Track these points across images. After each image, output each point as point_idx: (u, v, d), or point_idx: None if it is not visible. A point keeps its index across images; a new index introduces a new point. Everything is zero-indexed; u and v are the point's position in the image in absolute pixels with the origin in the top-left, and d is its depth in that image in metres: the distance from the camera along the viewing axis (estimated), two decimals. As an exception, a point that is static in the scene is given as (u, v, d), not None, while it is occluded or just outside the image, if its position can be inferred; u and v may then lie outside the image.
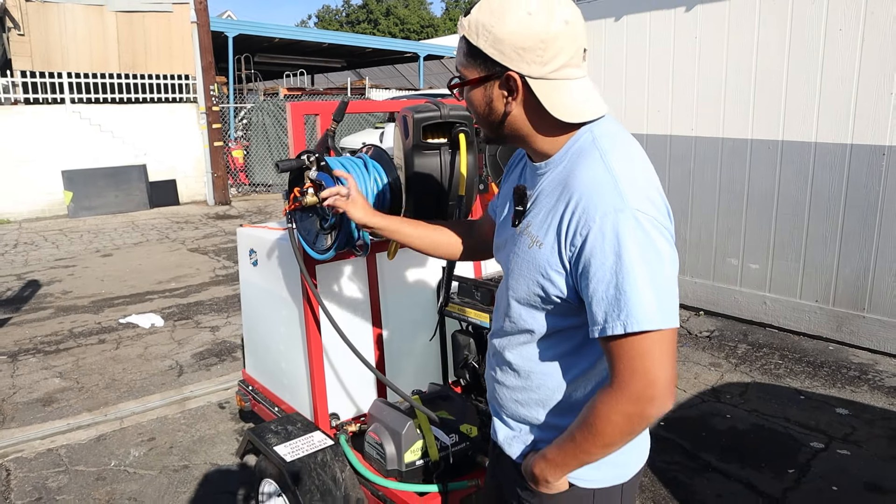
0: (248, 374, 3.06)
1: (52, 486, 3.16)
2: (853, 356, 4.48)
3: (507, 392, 1.36)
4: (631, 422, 1.12)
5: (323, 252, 1.98)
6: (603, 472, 1.28)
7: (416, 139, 1.94)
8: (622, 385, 1.10)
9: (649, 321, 1.06)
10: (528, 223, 1.23)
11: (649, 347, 1.08)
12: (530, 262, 1.21)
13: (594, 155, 1.16)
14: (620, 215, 1.08)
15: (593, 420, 1.15)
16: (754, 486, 3.05)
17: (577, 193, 1.13)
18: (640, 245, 1.08)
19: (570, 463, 1.23)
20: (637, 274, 1.06)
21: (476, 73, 1.20)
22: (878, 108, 4.21)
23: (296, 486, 2.06)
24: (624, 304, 1.07)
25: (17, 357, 4.91)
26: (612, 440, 1.15)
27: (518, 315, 1.28)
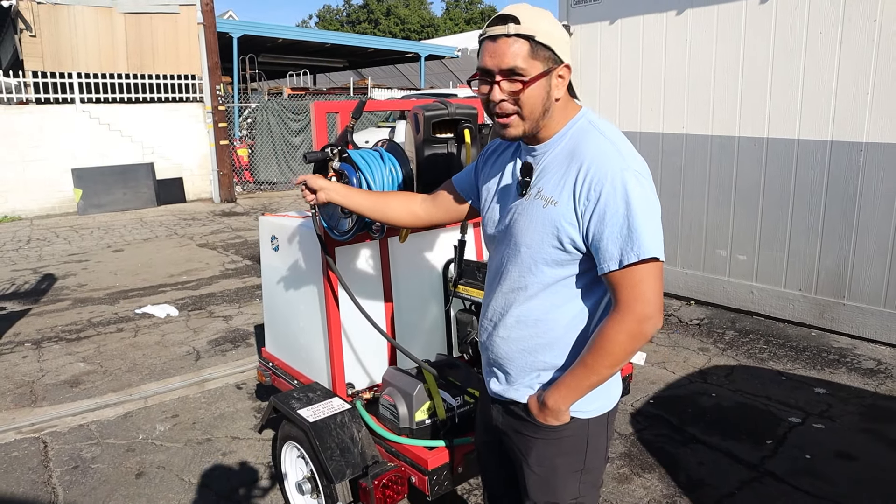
0: (268, 352, 3.32)
1: (87, 455, 3.42)
2: (834, 341, 4.74)
3: (514, 344, 1.59)
4: (633, 339, 1.41)
5: (344, 234, 2.24)
6: (596, 405, 1.59)
7: (426, 134, 2.21)
8: (626, 308, 1.41)
9: (655, 250, 1.40)
10: (540, 189, 1.50)
11: (648, 275, 1.40)
12: (546, 219, 1.48)
13: (594, 132, 1.50)
14: (626, 174, 1.41)
15: (603, 342, 1.43)
16: (734, 454, 3.31)
17: (587, 161, 1.44)
18: (642, 196, 1.41)
19: (582, 386, 1.49)
20: (643, 216, 1.40)
21: (541, 67, 1.45)
22: (855, 106, 4.47)
23: (318, 444, 2.32)
24: (636, 239, 1.38)
25: (41, 344, 5.17)
26: (619, 358, 1.44)
27: (529, 270, 1.53)
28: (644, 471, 3.18)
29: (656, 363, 4.48)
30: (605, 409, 1.62)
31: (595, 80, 6.04)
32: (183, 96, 12.81)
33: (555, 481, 1.62)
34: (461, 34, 29.62)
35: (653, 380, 4.22)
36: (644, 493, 3.01)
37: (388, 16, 47.53)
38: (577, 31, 6.10)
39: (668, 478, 3.12)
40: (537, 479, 1.63)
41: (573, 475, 1.62)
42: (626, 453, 3.33)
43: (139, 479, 3.19)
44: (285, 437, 2.67)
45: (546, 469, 1.61)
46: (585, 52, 6.08)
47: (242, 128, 14.70)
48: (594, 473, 1.66)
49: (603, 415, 1.61)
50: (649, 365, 4.45)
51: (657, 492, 3.01)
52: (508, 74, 1.44)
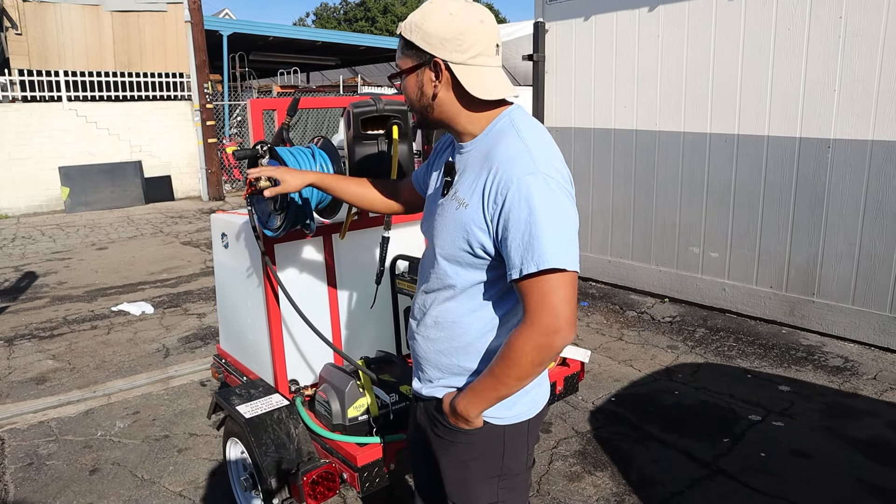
0: (222, 349, 3.32)
1: (43, 452, 3.43)
2: (803, 339, 4.74)
3: (431, 345, 1.57)
4: (540, 352, 1.35)
5: (275, 231, 2.23)
6: (513, 411, 1.53)
7: (356, 131, 2.20)
8: (533, 320, 1.34)
9: (557, 260, 1.30)
10: (456, 190, 1.48)
11: (556, 286, 1.32)
12: (457, 221, 1.44)
13: (511, 133, 1.44)
14: (532, 177, 1.34)
15: (509, 353, 1.37)
16: (689, 452, 3.31)
17: (497, 163, 1.39)
18: (549, 201, 1.33)
19: (490, 395, 1.44)
20: (546, 224, 1.32)
21: (410, 62, 1.47)
22: (822, 103, 4.46)
23: (254, 440, 2.32)
24: (536, 247, 1.31)
25: (13, 342, 5.17)
26: (526, 371, 1.38)
27: (444, 272, 1.50)
28: (596, 469, 3.17)
29: (623, 361, 4.48)
30: (525, 417, 1.57)
31: (570, 76, 6.04)
32: (171, 94, 12.80)
33: (470, 485, 1.59)
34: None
35: (617, 377, 4.22)
36: (594, 490, 3.01)
37: (385, 14, 47.49)
38: (552, 28, 6.09)
39: (619, 476, 3.11)
40: (453, 482, 1.61)
41: (489, 480, 1.58)
42: (581, 451, 3.33)
43: (92, 476, 3.19)
44: (229, 433, 2.68)
45: (460, 472, 1.58)
46: (560, 49, 6.07)
47: (233, 126, 14.70)
48: (515, 479, 1.61)
49: (522, 422, 1.56)
50: (615, 363, 4.45)
51: (607, 490, 3.01)
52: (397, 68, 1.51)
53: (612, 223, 5.99)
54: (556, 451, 3.33)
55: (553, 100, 6.20)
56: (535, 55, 6.18)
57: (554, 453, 3.31)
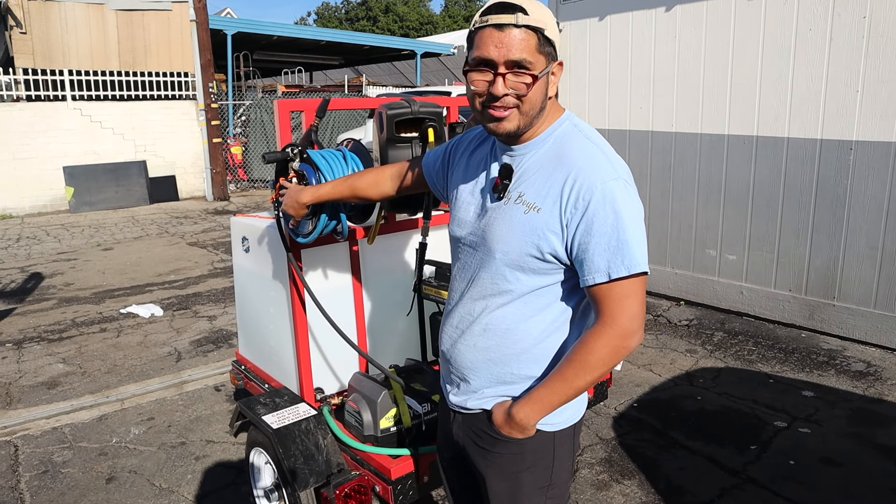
0: (241, 355, 3.25)
1: (58, 460, 3.36)
2: (823, 343, 4.68)
3: (480, 354, 1.51)
4: (616, 354, 1.35)
5: (305, 236, 2.17)
6: (564, 416, 1.51)
7: (389, 133, 2.14)
8: (611, 322, 1.34)
9: (644, 264, 1.34)
10: (521, 193, 1.42)
11: (636, 290, 1.35)
12: (527, 226, 1.39)
13: (580, 137, 1.43)
14: (616, 183, 1.35)
15: (585, 356, 1.36)
16: (717, 460, 3.25)
17: (576, 168, 1.36)
18: (632, 206, 1.35)
19: (556, 401, 1.42)
20: (633, 228, 1.34)
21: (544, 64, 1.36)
22: (845, 104, 4.40)
23: (282, 451, 2.26)
24: (626, 252, 1.32)
25: (22, 344, 5.11)
26: (599, 373, 1.38)
27: (503, 277, 1.45)
28: (624, 477, 3.12)
29: (642, 365, 4.42)
30: (573, 421, 1.55)
31: (584, 77, 5.97)
32: (176, 94, 12.73)
33: (520, 496, 1.53)
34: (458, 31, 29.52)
35: (638, 382, 4.16)
36: (623, 499, 2.95)
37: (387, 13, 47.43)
38: (567, 28, 6.03)
39: (647, 484, 3.05)
40: (502, 496, 1.55)
41: (540, 491, 1.54)
42: (607, 458, 3.27)
43: (109, 485, 3.13)
44: (252, 442, 2.62)
45: (510, 485, 1.53)
46: (574, 49, 6.01)
47: (237, 125, 14.63)
48: (561, 488, 1.58)
49: (570, 427, 1.54)
50: (635, 367, 4.39)
51: (636, 499, 2.95)
52: (514, 67, 1.33)
53: (626, 225, 5.93)
54: (582, 459, 3.27)
55: (567, 101, 6.14)
56: (548, 55, 6.11)
57: (580, 461, 3.25)
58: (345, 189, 1.94)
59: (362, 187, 1.92)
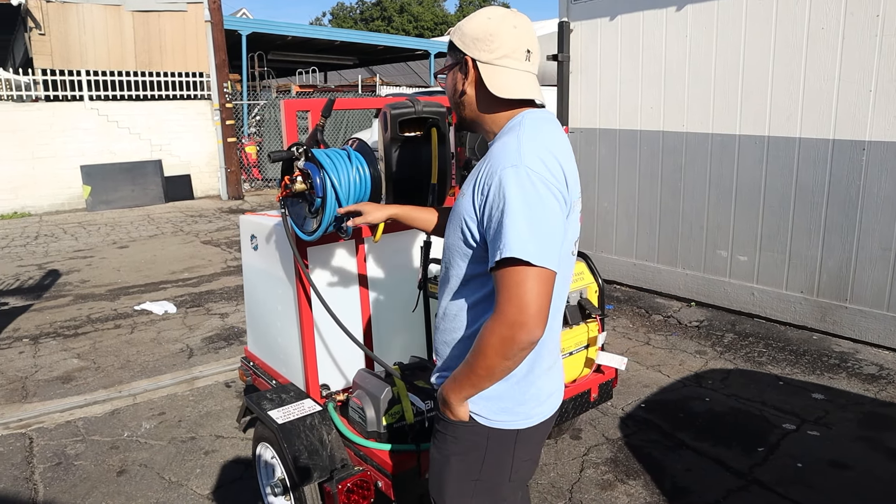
0: (250, 352, 3.29)
1: (71, 452, 3.42)
2: (835, 345, 4.64)
3: (440, 335, 1.61)
4: (504, 344, 1.33)
5: (310, 234, 2.20)
6: (500, 416, 1.52)
7: (393, 133, 2.16)
8: (499, 310, 1.33)
9: (521, 251, 1.29)
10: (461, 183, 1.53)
11: (524, 279, 1.30)
12: (456, 211, 1.50)
13: (515, 130, 1.46)
14: (514, 169, 1.35)
15: (478, 343, 1.38)
16: (723, 461, 3.23)
17: (490, 156, 1.44)
18: (525, 193, 1.33)
19: (465, 384, 1.45)
20: (517, 215, 1.31)
21: (450, 60, 1.57)
22: (857, 104, 4.36)
23: (286, 446, 2.29)
24: (504, 236, 1.31)
25: (39, 340, 5.20)
26: (492, 362, 1.36)
27: (449, 262, 1.54)
28: (629, 477, 3.11)
29: (651, 366, 4.41)
30: (512, 426, 1.53)
31: (595, 77, 5.96)
32: (191, 94, 12.86)
33: (446, 480, 1.59)
34: (473, 31, 29.48)
35: (646, 383, 4.15)
36: (627, 499, 2.95)
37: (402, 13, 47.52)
38: (577, 28, 6.02)
39: (652, 485, 3.05)
40: (434, 471, 1.63)
41: (466, 481, 1.57)
42: (612, 458, 3.27)
43: (120, 477, 3.18)
44: (259, 437, 2.65)
45: (441, 462, 1.59)
46: (585, 49, 6.00)
47: (251, 125, 14.75)
48: (490, 485, 1.58)
49: (510, 430, 1.53)
50: (644, 368, 4.38)
51: (640, 499, 2.95)
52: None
53: (637, 226, 5.91)
54: (588, 459, 3.27)
55: (578, 101, 6.13)
56: (559, 55, 6.11)
57: (585, 460, 3.25)
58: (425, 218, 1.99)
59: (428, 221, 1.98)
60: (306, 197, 2.20)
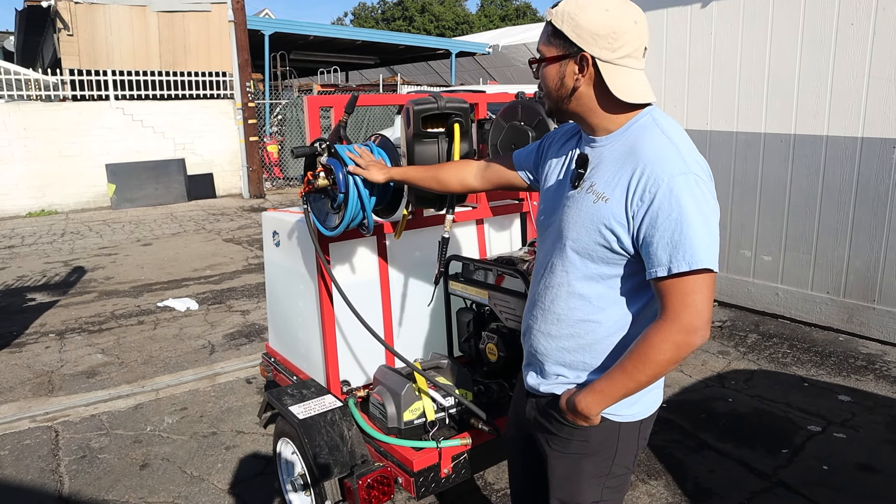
0: (271, 347, 3.32)
1: (95, 446, 3.48)
2: (862, 347, 4.55)
3: (554, 342, 1.55)
4: (679, 349, 1.34)
5: (332, 230, 2.21)
6: (632, 410, 1.53)
7: (416, 128, 2.16)
8: (674, 317, 1.33)
9: (707, 261, 1.31)
10: (592, 183, 1.45)
11: (700, 285, 1.32)
12: (594, 215, 1.42)
13: (656, 131, 1.42)
14: (684, 177, 1.34)
15: (646, 350, 1.36)
16: (747, 463, 3.19)
17: (644, 160, 1.37)
18: (699, 201, 1.33)
19: (618, 392, 1.43)
20: (697, 224, 1.32)
21: (555, 52, 1.44)
22: (888, 101, 4.27)
23: (307, 441, 2.30)
24: (689, 247, 1.31)
25: (64, 335, 5.28)
26: (661, 368, 1.37)
27: (573, 265, 1.48)
28: (650, 477, 3.08)
29: (673, 366, 4.35)
30: (641, 416, 1.56)
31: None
32: (214, 93, 13.00)
33: (578, 482, 1.59)
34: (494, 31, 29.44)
35: (668, 383, 4.10)
36: (648, 500, 2.92)
37: (423, 13, 47.58)
38: (600, 26, 5.97)
39: (674, 485, 3.01)
40: (560, 478, 1.61)
41: (597, 479, 1.58)
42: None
43: (143, 471, 3.22)
44: (280, 433, 2.67)
45: (571, 468, 1.59)
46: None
47: (273, 124, 14.87)
48: (619, 479, 1.61)
49: (636, 421, 1.56)
50: (665, 368, 4.33)
51: (662, 499, 2.91)
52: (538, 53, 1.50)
53: (659, 224, 5.85)
54: (608, 459, 3.24)
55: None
56: (581, 53, 6.07)
57: (605, 461, 3.22)
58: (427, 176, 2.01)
59: (446, 178, 1.98)
60: (329, 193, 2.20)
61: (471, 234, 3.04)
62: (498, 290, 2.48)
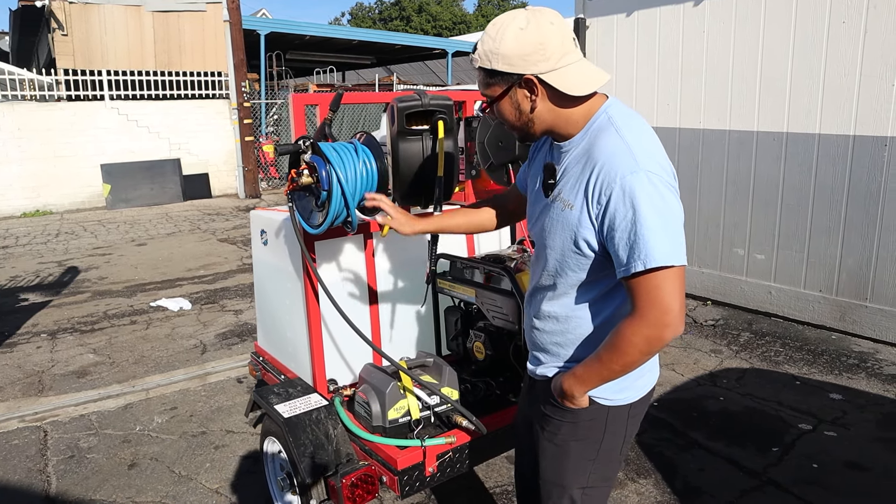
0: (260, 347, 3.30)
1: (84, 445, 3.46)
2: (855, 345, 4.54)
3: (547, 336, 1.63)
4: (649, 343, 1.37)
5: (316, 227, 2.19)
6: (621, 395, 1.58)
7: (400, 126, 2.15)
8: (642, 313, 1.36)
9: (664, 258, 1.33)
10: (560, 191, 1.49)
11: (663, 281, 1.34)
12: (564, 223, 1.47)
13: (610, 130, 1.44)
14: (634, 176, 1.35)
15: (618, 342, 1.41)
16: (737, 461, 3.18)
17: (599, 162, 1.40)
18: (652, 199, 1.34)
19: (594, 379, 1.50)
20: (651, 222, 1.33)
21: (499, 88, 1.48)
22: (879, 99, 4.26)
23: (292, 440, 2.28)
24: (643, 247, 1.33)
25: (56, 335, 5.27)
26: (633, 359, 1.41)
27: (555, 270, 1.54)
28: (639, 476, 3.07)
29: (664, 364, 4.35)
30: (629, 401, 1.60)
31: (610, 73, 5.89)
32: (209, 93, 12.98)
33: (566, 463, 1.63)
34: (491, 30, 29.38)
35: (659, 382, 4.02)
36: (637, 498, 2.91)
37: (420, 13, 47.58)
38: (593, 24, 5.97)
39: (663, 484, 3.01)
40: (550, 458, 1.66)
41: (585, 462, 1.62)
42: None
43: (131, 470, 3.21)
44: (266, 431, 2.65)
45: (559, 450, 1.63)
46: (601, 45, 5.94)
47: (269, 124, 14.85)
48: (607, 466, 1.65)
49: (625, 405, 1.59)
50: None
51: (651, 498, 2.91)
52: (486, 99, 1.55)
53: (652, 223, 5.84)
54: (598, 458, 3.23)
55: (593, 97, 6.08)
56: (574, 52, 6.06)
57: (595, 459, 3.21)
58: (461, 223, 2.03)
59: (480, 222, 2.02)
60: (313, 190, 2.19)
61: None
62: (485, 289, 2.47)
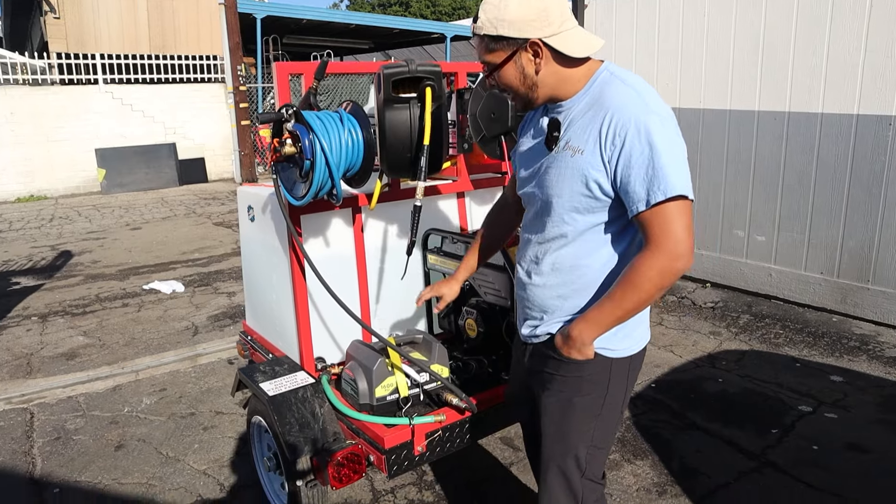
0: (248, 326, 3.23)
1: (70, 427, 3.40)
2: (856, 327, 4.48)
3: (548, 291, 1.64)
4: (663, 276, 1.43)
5: (299, 199, 2.11)
6: (623, 344, 1.62)
7: (386, 94, 2.06)
8: (658, 246, 1.42)
9: (682, 188, 1.41)
10: (567, 141, 1.54)
11: (678, 213, 1.41)
12: (574, 168, 1.51)
13: (616, 82, 1.52)
14: (649, 117, 1.43)
15: (633, 277, 1.45)
16: (735, 443, 3.12)
17: (611, 109, 1.46)
18: (666, 137, 1.43)
19: (608, 319, 1.51)
20: (668, 157, 1.41)
21: (503, 54, 1.52)
22: (884, 78, 4.16)
23: (277, 418, 2.22)
24: (662, 178, 1.40)
25: (47, 318, 5.20)
26: (648, 294, 1.45)
27: (561, 219, 1.58)
28: (636, 457, 3.01)
29: (663, 346, 4.29)
30: (631, 352, 1.64)
31: (610, 52, 5.79)
32: (205, 77, 12.85)
33: (572, 420, 1.64)
34: (490, 15, 29.09)
35: (657, 363, 4.03)
36: (634, 479, 2.85)
37: (419, -2, 47.12)
38: (592, 4, 5.85)
39: (660, 465, 2.95)
40: (554, 416, 1.66)
41: (589, 418, 1.64)
42: (620, 438, 3.17)
43: (118, 452, 3.15)
44: (253, 410, 2.59)
45: (563, 406, 1.64)
46: (600, 25, 5.83)
47: (265, 108, 14.71)
48: (610, 423, 1.67)
49: (626, 357, 1.63)
50: (655, 348, 4.26)
51: (647, 479, 2.85)
52: (486, 67, 1.58)
53: (651, 205, 5.76)
54: (593, 439, 3.17)
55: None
56: (573, 30, 5.95)
57: (590, 441, 3.15)
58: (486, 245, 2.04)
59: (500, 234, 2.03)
60: (296, 160, 2.12)
61: (452, 207, 2.95)
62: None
